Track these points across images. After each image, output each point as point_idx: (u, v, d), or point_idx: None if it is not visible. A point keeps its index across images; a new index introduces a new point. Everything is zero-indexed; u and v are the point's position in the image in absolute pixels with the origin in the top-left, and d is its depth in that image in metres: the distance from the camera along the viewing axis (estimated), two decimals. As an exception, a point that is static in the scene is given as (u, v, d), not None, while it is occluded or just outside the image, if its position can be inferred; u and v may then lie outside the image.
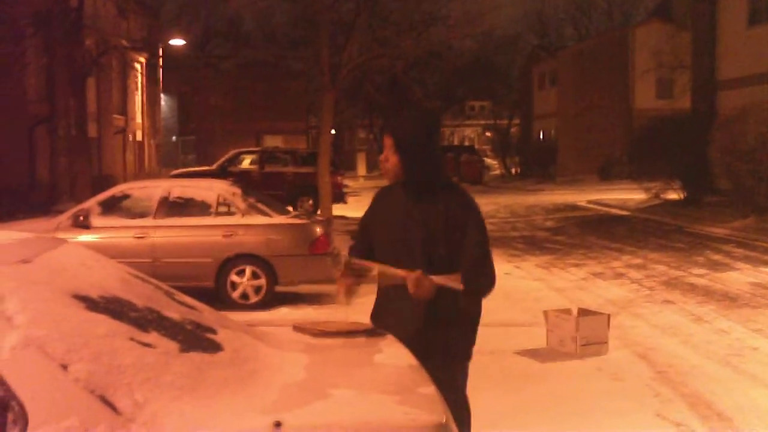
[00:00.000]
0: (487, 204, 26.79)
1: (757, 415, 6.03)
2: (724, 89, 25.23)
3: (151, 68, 41.76)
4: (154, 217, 10.59)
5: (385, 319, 3.81)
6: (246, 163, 26.08)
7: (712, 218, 19.67)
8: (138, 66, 38.10)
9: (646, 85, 39.63)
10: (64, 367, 2.42)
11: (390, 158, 3.83)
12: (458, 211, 3.76)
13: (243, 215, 10.61)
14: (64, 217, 10.66)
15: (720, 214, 20.03)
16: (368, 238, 3.99)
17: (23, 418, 2.31)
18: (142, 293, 3.21)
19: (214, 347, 2.94)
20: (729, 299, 10.42)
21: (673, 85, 35.82)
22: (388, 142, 3.84)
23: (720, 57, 25.85)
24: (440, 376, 3.15)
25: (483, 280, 3.72)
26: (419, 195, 3.81)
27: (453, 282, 3.59)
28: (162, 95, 48.22)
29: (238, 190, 11.08)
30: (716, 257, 14.25)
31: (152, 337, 2.77)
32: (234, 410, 2.53)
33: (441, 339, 3.72)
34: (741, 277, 12.13)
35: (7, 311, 2.53)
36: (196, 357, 2.78)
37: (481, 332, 3.93)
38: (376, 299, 4.02)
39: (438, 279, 3.58)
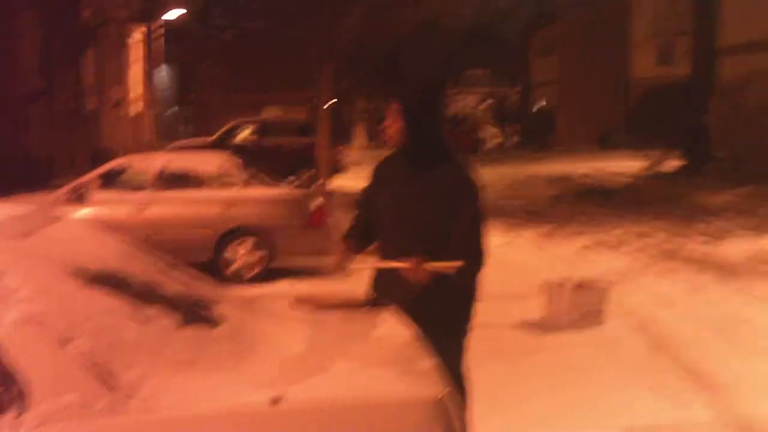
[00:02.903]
0: (486, 173, 26.59)
1: (753, 385, 6.03)
2: (724, 55, 25.06)
3: (149, 39, 41.46)
4: (153, 190, 10.58)
5: (384, 289, 3.83)
6: (245, 134, 25.99)
7: (712, 186, 19.63)
8: (136, 37, 37.83)
9: (646, 52, 39.31)
10: (65, 342, 2.44)
11: (395, 123, 3.85)
12: (456, 186, 3.77)
13: (242, 187, 10.61)
14: (63, 192, 10.64)
15: (719, 181, 19.99)
16: (365, 218, 4.03)
17: (25, 394, 2.34)
18: (141, 267, 3.22)
19: (214, 321, 2.95)
20: (727, 268, 10.43)
21: (673, 51, 35.54)
22: (395, 107, 3.87)
23: (721, 22, 25.65)
24: (438, 349, 3.17)
25: (473, 260, 3.73)
26: (419, 165, 3.82)
27: (447, 268, 3.62)
28: (161, 66, 47.93)
29: (237, 162, 11.07)
30: (715, 225, 14.25)
31: (151, 312, 2.79)
32: (233, 384, 2.54)
33: (437, 312, 3.73)
34: (740, 245, 12.12)
35: (8, 286, 2.54)
36: (195, 331, 2.80)
37: (479, 304, 3.94)
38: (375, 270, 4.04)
39: (433, 266, 3.61)
